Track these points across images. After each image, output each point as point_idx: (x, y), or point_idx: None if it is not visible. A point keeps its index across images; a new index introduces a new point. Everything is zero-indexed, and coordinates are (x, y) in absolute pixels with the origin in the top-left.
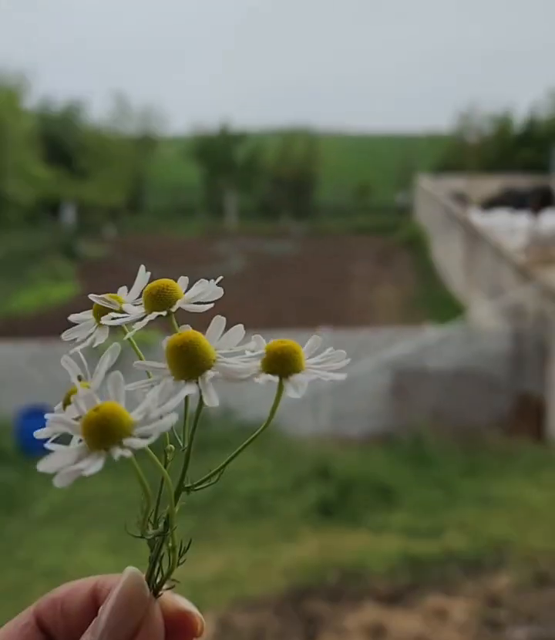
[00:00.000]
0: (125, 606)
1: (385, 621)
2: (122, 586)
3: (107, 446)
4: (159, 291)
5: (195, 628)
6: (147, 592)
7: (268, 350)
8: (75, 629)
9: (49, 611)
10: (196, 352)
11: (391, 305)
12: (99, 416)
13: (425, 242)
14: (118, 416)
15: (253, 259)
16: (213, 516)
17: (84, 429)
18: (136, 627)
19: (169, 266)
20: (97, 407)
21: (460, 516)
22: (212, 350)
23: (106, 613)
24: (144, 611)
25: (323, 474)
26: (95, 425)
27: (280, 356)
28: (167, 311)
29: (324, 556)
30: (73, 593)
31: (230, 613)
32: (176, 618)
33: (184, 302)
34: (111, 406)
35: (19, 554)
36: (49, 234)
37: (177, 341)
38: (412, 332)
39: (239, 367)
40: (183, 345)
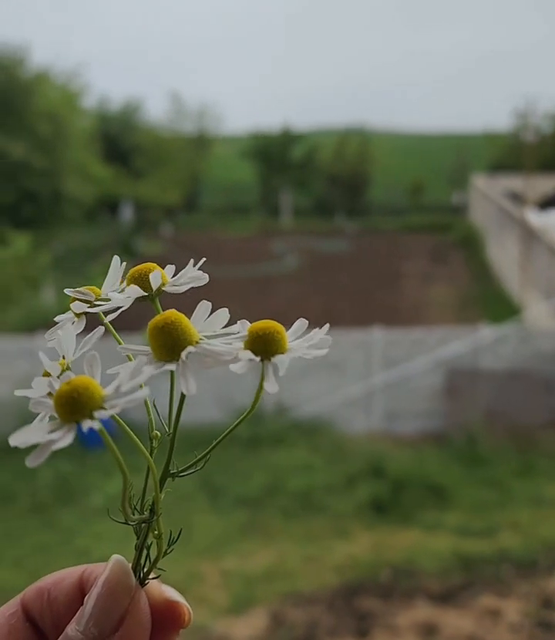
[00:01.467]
0: (110, 594)
1: (437, 619)
2: (108, 574)
3: (78, 419)
4: (143, 275)
5: (182, 618)
6: (133, 580)
7: (250, 331)
8: (62, 618)
9: (36, 600)
10: (178, 332)
11: (445, 304)
12: (70, 389)
13: (480, 241)
14: (89, 389)
15: (307, 257)
16: (264, 511)
17: (56, 402)
18: (122, 615)
19: (224, 264)
20: (69, 381)
21: (513, 516)
22: (194, 332)
23: (91, 602)
24: (130, 599)
25: (375, 472)
26: (66, 397)
27: (262, 337)
28: (150, 293)
29: (377, 553)
30: (60, 582)
31: (283, 608)
32: (163, 608)
33: (168, 286)
34: (83, 380)
35: (76, 543)
36: (108, 232)
37: (158, 321)
38: (466, 332)
39: (221, 348)
40: (164, 325)
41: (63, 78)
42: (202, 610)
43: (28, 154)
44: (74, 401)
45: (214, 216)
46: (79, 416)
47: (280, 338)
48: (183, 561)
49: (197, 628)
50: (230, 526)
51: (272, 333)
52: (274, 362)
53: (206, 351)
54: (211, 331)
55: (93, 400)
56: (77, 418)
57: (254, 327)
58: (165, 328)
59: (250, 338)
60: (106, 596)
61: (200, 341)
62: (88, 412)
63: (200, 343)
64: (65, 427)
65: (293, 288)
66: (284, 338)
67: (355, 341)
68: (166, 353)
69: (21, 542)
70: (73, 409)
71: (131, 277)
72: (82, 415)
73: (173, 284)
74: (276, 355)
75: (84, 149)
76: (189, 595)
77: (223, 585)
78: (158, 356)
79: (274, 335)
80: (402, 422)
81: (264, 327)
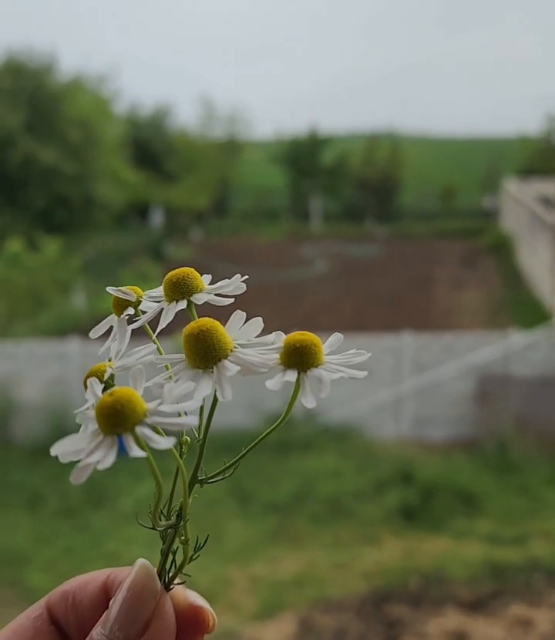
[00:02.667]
0: (135, 598)
1: (467, 628)
2: (133, 578)
3: (119, 432)
4: (180, 279)
5: (207, 623)
6: (158, 585)
7: (286, 343)
8: (87, 622)
9: (61, 603)
10: (213, 340)
11: (476, 309)
12: (113, 401)
13: (511, 246)
14: (132, 402)
15: (337, 262)
16: (293, 516)
17: (98, 412)
18: (147, 620)
19: (254, 269)
20: (112, 392)
21: (545, 524)
22: (229, 340)
23: (117, 606)
24: (155, 603)
25: (405, 478)
26: (109, 409)
27: (299, 349)
28: (187, 300)
29: (406, 560)
30: (85, 585)
31: (311, 613)
32: (188, 613)
33: (205, 293)
34: (126, 392)
35: (106, 547)
36: (138, 237)
37: (194, 328)
38: (496, 337)
39: (256, 359)
40: (200, 332)
41: (94, 83)
42: (231, 615)
43: (60, 160)
44: (116, 413)
45: (244, 221)
46: (120, 429)
47: (317, 351)
48: (212, 567)
49: (226, 633)
50: (259, 531)
51: (309, 346)
52: (310, 376)
53: (240, 360)
54: (245, 340)
55: (136, 414)
56: (119, 431)
57: (291, 338)
58: (200, 335)
59: (286, 349)
60: (132, 600)
61: (234, 350)
62: (130, 425)
63: (235, 352)
64: (107, 440)
65: (323, 293)
66: (321, 350)
67: (385, 347)
68: (201, 360)
69: (52, 545)
70: (115, 422)
71: (168, 282)
72: (124, 428)
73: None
74: (312, 368)
75: (115, 154)
76: (217, 600)
77: (252, 591)
78: (192, 363)
79: (311, 348)
80: (432, 428)
81: (301, 339)
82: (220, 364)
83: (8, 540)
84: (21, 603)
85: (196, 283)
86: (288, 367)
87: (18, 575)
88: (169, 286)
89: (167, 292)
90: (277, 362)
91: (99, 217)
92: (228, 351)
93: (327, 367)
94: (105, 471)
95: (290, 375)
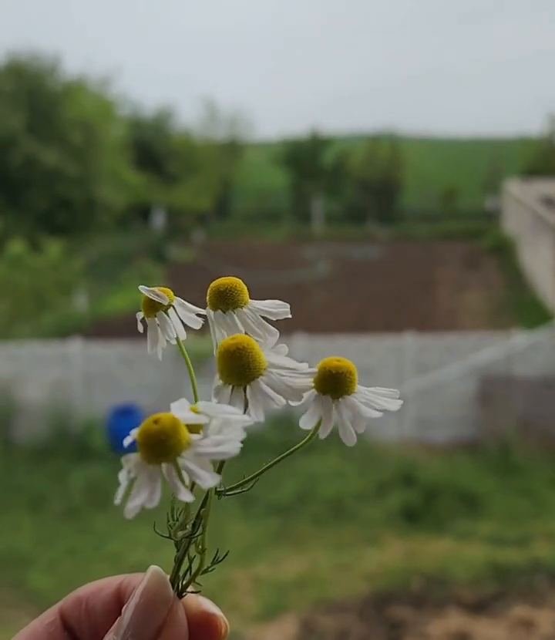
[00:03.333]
0: (148, 605)
1: (469, 629)
2: (146, 585)
3: (161, 461)
4: (227, 290)
5: (219, 630)
6: (171, 592)
7: (322, 367)
8: (100, 628)
9: (74, 609)
10: (249, 359)
11: (478, 310)
12: (159, 430)
13: (513, 247)
14: (178, 433)
15: (339, 264)
16: (296, 518)
17: (141, 439)
18: (160, 626)
19: (256, 270)
20: (158, 419)
21: (547, 526)
22: (264, 359)
23: (129, 612)
24: (167, 610)
25: (407, 480)
26: (154, 438)
27: (335, 376)
28: (230, 312)
29: (408, 562)
30: (98, 592)
31: (313, 615)
32: (201, 620)
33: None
34: (171, 420)
35: (109, 548)
36: (140, 238)
37: (230, 345)
38: (499, 338)
39: (291, 380)
40: (236, 350)
41: (97, 85)
42: (233, 617)
43: (62, 162)
44: (161, 443)
45: (246, 222)
46: (163, 459)
47: (352, 380)
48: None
49: (228, 634)
50: (262, 533)
51: (345, 374)
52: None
53: (273, 382)
54: (277, 360)
55: (179, 446)
56: (161, 460)
57: (327, 363)
58: (236, 353)
59: (322, 374)
60: (144, 606)
61: (268, 369)
62: (172, 457)
63: (268, 372)
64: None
65: (325, 295)
66: (355, 379)
67: (387, 348)
68: (234, 378)
69: (55, 546)
70: (159, 452)
71: (215, 290)
72: (166, 459)
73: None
74: (345, 396)
75: (117, 156)
76: (220, 602)
77: (255, 592)
78: (224, 379)
79: (346, 376)
80: (434, 430)
81: (338, 366)
82: (254, 383)
83: (10, 541)
84: (24, 604)
85: (242, 296)
86: (322, 393)
87: (21, 576)
88: (214, 294)
89: (212, 301)
90: (310, 386)
91: (101, 218)
92: (262, 370)
93: (360, 397)
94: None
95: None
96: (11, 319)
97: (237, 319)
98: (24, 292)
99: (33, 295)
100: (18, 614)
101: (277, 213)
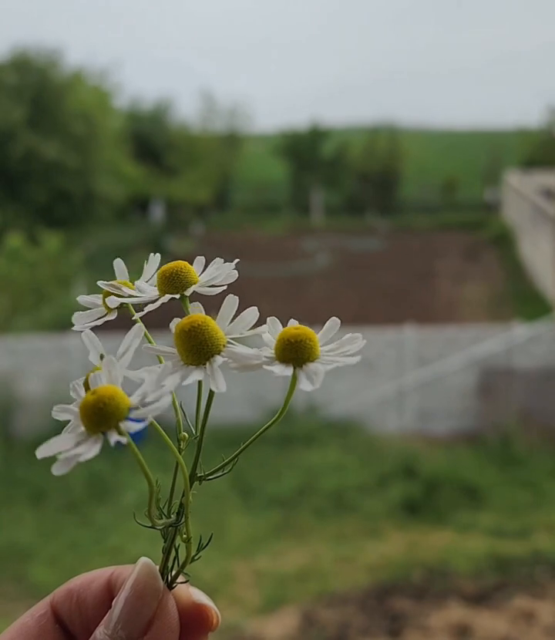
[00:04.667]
0: (138, 597)
1: (470, 620)
2: (135, 577)
3: (104, 430)
4: (173, 274)
5: (210, 621)
6: (160, 583)
7: (281, 337)
8: (91, 620)
9: (65, 602)
10: (205, 336)
11: (478, 302)
12: (96, 399)
13: (513, 239)
14: (115, 399)
15: (339, 255)
16: (297, 511)
17: (81, 412)
18: (150, 618)
19: (256, 262)
20: (94, 390)
21: (548, 517)
22: (222, 335)
23: (120, 605)
24: (157, 602)
25: (408, 472)
26: (92, 408)
27: (294, 344)
28: (181, 294)
29: (409, 554)
30: (89, 584)
31: (315, 607)
32: (192, 611)
33: (198, 286)
34: (108, 389)
35: (110, 542)
36: (139, 231)
37: (185, 325)
38: (499, 330)
39: (249, 352)
40: (191, 329)
41: (96, 78)
42: (234, 609)
43: (61, 154)
44: (100, 412)
45: (245, 214)
46: (105, 427)
47: (312, 345)
48: (215, 561)
49: (230, 627)
50: (263, 525)
51: (304, 340)
52: (306, 370)
53: (233, 355)
54: (238, 333)
55: (119, 411)
56: (103, 429)
57: (285, 333)
58: (192, 331)
59: (281, 344)
60: (134, 599)
61: (227, 345)
62: (114, 423)
63: (228, 347)
64: (92, 438)
65: (325, 287)
66: (316, 344)
67: (388, 340)
68: (193, 357)
69: (56, 540)
70: (99, 421)
71: (162, 276)
72: (108, 426)
73: (205, 285)
74: (307, 362)
75: (116, 148)
76: (221, 595)
77: (256, 585)
78: (185, 359)
79: (306, 343)
80: (435, 422)
81: (296, 334)
82: (213, 360)
83: (12, 535)
84: (25, 598)
85: (190, 277)
86: (283, 362)
87: (23, 570)
88: (162, 280)
89: (161, 287)
90: (272, 355)
91: (100, 211)
92: (221, 347)
93: (323, 360)
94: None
95: (287, 371)
96: (11, 313)
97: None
98: (23, 285)
99: (32, 289)
100: (19, 608)
101: (277, 206)
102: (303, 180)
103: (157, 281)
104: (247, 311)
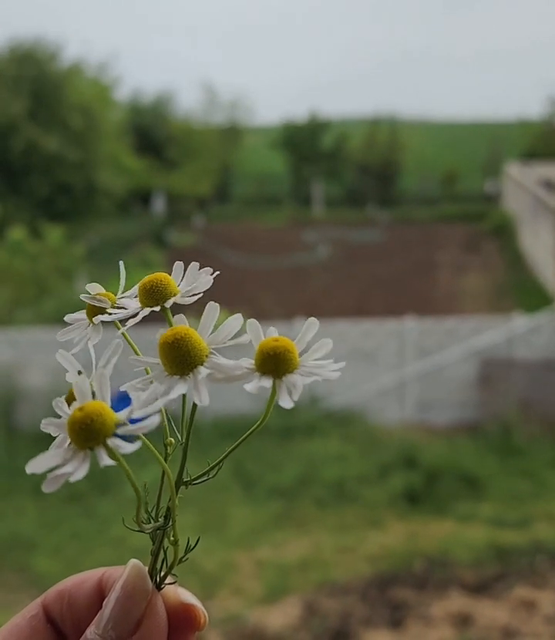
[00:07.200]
0: (127, 598)
1: (471, 610)
2: (125, 578)
3: (91, 446)
4: (153, 287)
5: (198, 620)
6: (149, 584)
7: (260, 349)
8: (82, 621)
9: (57, 602)
10: (188, 347)
11: (479, 293)
12: (84, 416)
13: (514, 230)
14: (102, 416)
15: (339, 247)
16: (298, 500)
17: (69, 428)
18: (139, 619)
19: (256, 254)
20: (82, 407)
21: (548, 507)
22: (204, 345)
23: (110, 605)
24: (146, 603)
25: (409, 462)
26: (80, 424)
27: (273, 357)
28: (161, 306)
29: (410, 544)
30: (80, 585)
31: (316, 597)
32: (180, 611)
33: (178, 297)
34: (95, 406)
35: (111, 532)
36: (140, 223)
37: (168, 337)
38: (499, 321)
39: (231, 364)
40: (174, 340)
41: (96, 70)
42: (236, 599)
43: (62, 147)
44: (87, 428)
45: (246, 206)
46: (92, 443)
47: (291, 357)
48: (217, 551)
49: (232, 617)
50: (264, 516)
51: (283, 352)
52: (286, 381)
53: (216, 366)
54: (221, 343)
55: (106, 427)
56: (91, 445)
57: (264, 345)
58: (175, 343)
59: (261, 356)
60: (124, 599)
61: (209, 356)
62: (101, 439)
63: (210, 358)
64: (80, 454)
65: (326, 279)
66: (295, 355)
67: (388, 331)
68: (177, 368)
69: (59, 530)
70: (87, 437)
71: (142, 289)
72: (96, 442)
73: (185, 296)
74: (287, 374)
75: (116, 141)
76: (223, 585)
77: (258, 575)
78: (169, 370)
79: (285, 355)
80: (436, 413)
81: (275, 346)
82: (196, 370)
83: (14, 526)
84: (28, 588)
85: (169, 289)
86: (263, 374)
87: (26, 561)
88: (143, 293)
89: (142, 299)
90: (252, 367)
91: (102, 204)
92: (204, 357)
93: (302, 370)
94: None
95: (266, 382)
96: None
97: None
98: (25, 278)
99: (34, 281)
100: (22, 598)
101: (277, 198)
102: (303, 172)
103: (138, 293)
104: (231, 318)
